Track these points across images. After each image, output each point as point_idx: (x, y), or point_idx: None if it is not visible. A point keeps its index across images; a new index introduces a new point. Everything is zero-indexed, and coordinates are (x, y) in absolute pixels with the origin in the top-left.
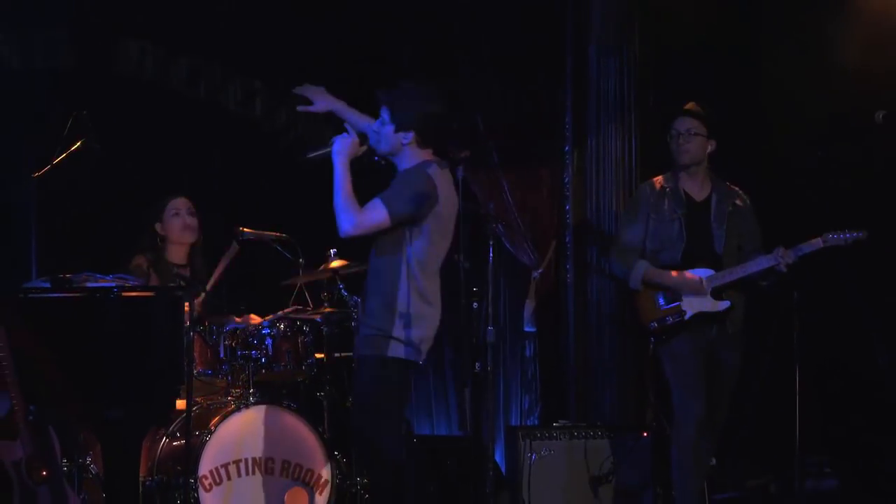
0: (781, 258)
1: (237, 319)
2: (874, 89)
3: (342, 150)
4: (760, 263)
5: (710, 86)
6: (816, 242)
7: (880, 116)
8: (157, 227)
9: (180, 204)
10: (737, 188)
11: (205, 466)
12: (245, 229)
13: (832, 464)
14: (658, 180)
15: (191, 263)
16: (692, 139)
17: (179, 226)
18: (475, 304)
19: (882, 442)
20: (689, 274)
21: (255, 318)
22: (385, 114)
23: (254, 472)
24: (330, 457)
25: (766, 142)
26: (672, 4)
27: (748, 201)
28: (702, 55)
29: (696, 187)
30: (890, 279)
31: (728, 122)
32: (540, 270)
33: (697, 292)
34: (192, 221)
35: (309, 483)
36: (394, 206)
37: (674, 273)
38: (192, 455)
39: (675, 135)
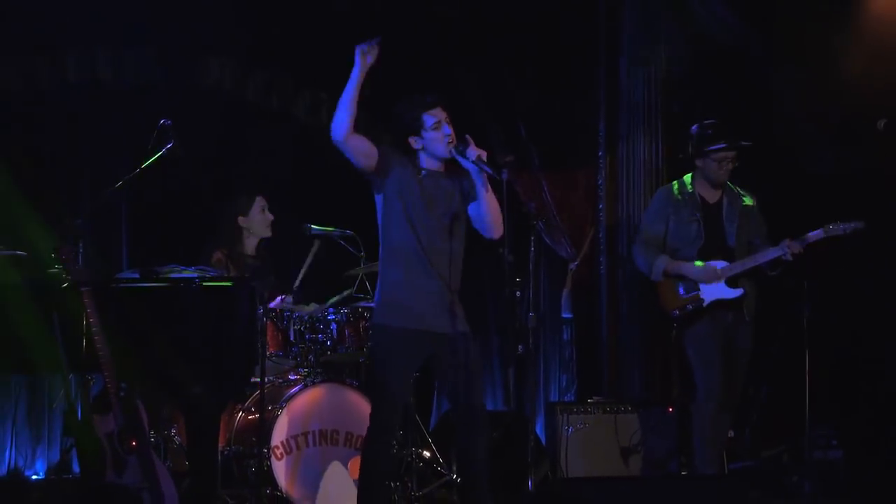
0: (788, 248)
1: (306, 308)
2: (876, 99)
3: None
4: (770, 254)
5: (726, 95)
6: (818, 233)
7: (881, 124)
8: (241, 220)
9: (264, 201)
10: (743, 190)
11: (276, 438)
12: (313, 226)
13: (838, 436)
14: (676, 184)
15: (259, 255)
16: (730, 166)
17: (266, 221)
18: (518, 293)
19: (883, 417)
20: (705, 264)
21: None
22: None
23: (320, 443)
24: None
25: (777, 146)
26: (693, 21)
27: (754, 201)
28: (720, 67)
29: (710, 191)
30: (892, 274)
31: (742, 128)
32: (576, 262)
33: (714, 280)
34: (272, 218)
35: None
36: None
37: (692, 264)
38: (265, 427)
39: (719, 160)
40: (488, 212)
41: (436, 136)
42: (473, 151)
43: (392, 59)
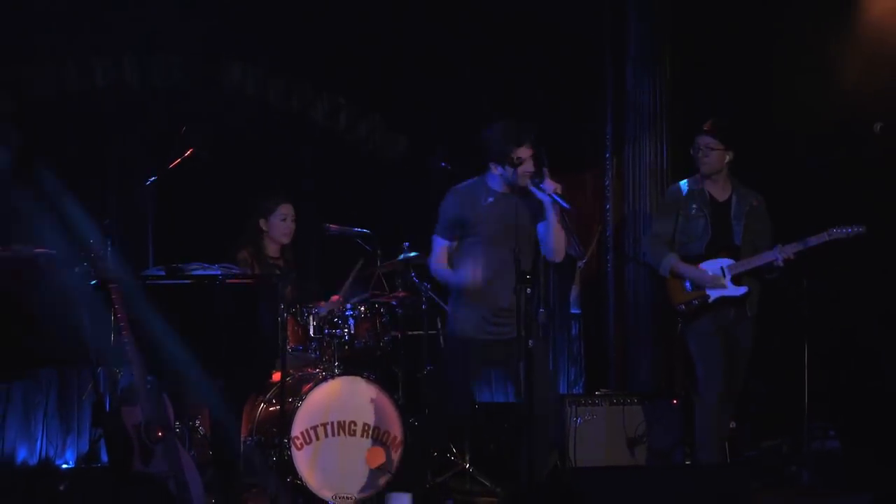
0: (780, 253)
1: (322, 304)
2: (872, 103)
3: None
4: (763, 258)
5: (729, 100)
6: (822, 236)
7: (878, 127)
8: (262, 223)
9: (288, 210)
10: (753, 190)
11: (297, 428)
12: (331, 225)
13: (836, 428)
14: (686, 183)
15: (283, 256)
16: (710, 153)
17: (284, 230)
18: (529, 289)
19: (878, 409)
20: (711, 270)
21: (335, 297)
22: None
23: (339, 434)
24: (403, 420)
25: (778, 148)
26: (697, 29)
27: (762, 202)
28: (723, 73)
29: (719, 189)
30: (887, 274)
31: (744, 130)
32: (584, 260)
33: (719, 286)
34: (293, 227)
35: (385, 442)
36: None
37: (698, 268)
38: (285, 418)
39: (696, 149)
40: (555, 239)
41: (520, 170)
42: (550, 185)
43: (401, 62)
